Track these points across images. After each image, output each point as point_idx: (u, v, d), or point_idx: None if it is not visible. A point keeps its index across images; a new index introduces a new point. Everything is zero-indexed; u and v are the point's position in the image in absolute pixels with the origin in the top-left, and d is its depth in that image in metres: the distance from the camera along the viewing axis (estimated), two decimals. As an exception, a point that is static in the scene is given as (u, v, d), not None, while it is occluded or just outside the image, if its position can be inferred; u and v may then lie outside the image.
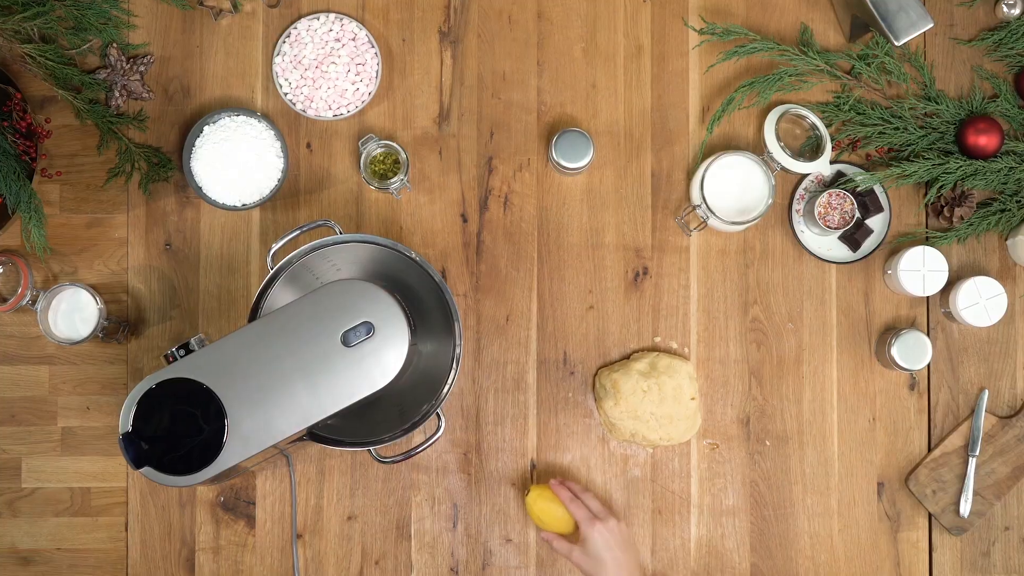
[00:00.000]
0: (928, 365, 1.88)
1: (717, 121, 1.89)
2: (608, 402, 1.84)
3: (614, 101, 1.92)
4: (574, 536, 1.81)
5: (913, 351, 1.82)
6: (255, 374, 1.51)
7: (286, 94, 1.89)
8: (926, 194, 1.89)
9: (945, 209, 1.87)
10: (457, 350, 1.69)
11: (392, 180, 1.83)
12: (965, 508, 1.87)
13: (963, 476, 1.88)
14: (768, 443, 1.89)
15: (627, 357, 1.89)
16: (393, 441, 1.68)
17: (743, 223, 1.82)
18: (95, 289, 1.84)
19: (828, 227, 1.84)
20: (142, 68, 1.89)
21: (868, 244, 1.89)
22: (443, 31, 1.92)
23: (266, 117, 1.88)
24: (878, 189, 1.89)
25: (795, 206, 1.89)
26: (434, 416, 1.70)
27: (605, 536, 1.75)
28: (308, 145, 1.91)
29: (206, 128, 1.86)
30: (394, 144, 1.84)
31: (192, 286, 1.89)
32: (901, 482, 1.89)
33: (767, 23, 1.93)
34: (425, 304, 1.70)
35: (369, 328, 1.53)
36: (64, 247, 1.89)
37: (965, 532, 1.88)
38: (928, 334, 1.89)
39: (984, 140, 1.84)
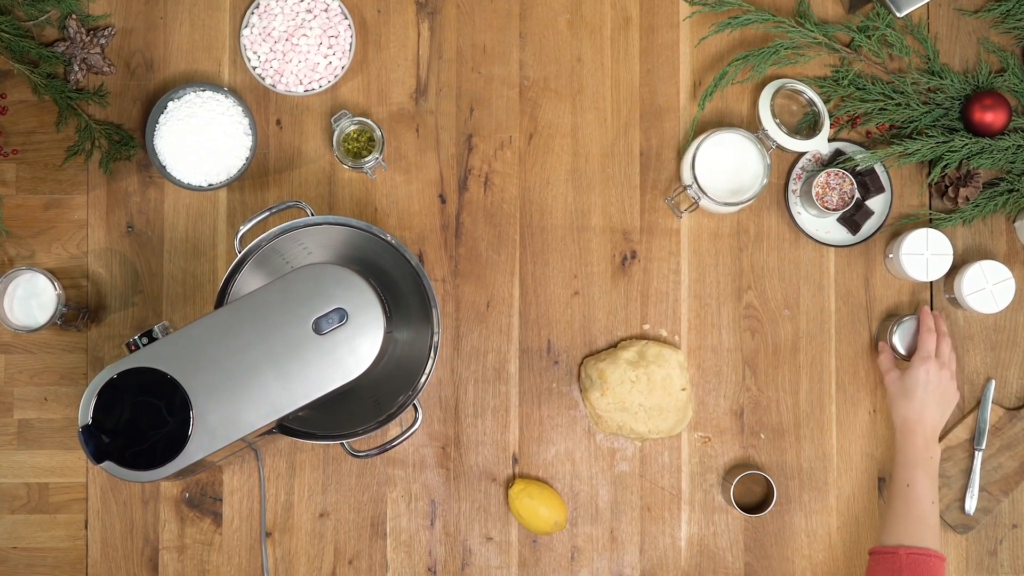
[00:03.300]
0: (931, 354, 1.90)
1: (709, 96, 1.90)
2: (594, 393, 1.86)
3: (600, 75, 1.93)
4: (554, 520, 1.83)
5: (916, 339, 1.84)
6: (222, 363, 1.52)
7: (255, 68, 1.90)
8: (929, 174, 1.90)
9: (950, 189, 1.88)
10: (435, 338, 1.70)
11: (366, 159, 1.85)
12: (971, 505, 1.88)
13: (968, 471, 1.89)
14: (763, 436, 1.91)
15: (614, 345, 1.90)
16: (367, 434, 1.69)
17: (736, 204, 1.82)
18: (53, 274, 1.85)
19: (826, 208, 1.85)
20: (103, 41, 1.90)
21: (868, 226, 1.90)
22: (420, 2, 1.93)
23: (234, 92, 1.89)
24: (879, 168, 1.90)
25: (791, 186, 1.91)
26: (411, 408, 1.71)
27: (929, 376, 1.79)
28: (278, 122, 1.92)
29: (170, 104, 1.87)
30: (368, 121, 1.85)
31: (155, 270, 1.91)
32: (903, 477, 1.91)
33: (763, -7, 1.94)
34: (401, 289, 1.72)
35: (342, 315, 1.54)
36: (20, 229, 1.91)
37: (971, 530, 1.89)
38: (931, 321, 1.91)
39: (991, 117, 1.85)
